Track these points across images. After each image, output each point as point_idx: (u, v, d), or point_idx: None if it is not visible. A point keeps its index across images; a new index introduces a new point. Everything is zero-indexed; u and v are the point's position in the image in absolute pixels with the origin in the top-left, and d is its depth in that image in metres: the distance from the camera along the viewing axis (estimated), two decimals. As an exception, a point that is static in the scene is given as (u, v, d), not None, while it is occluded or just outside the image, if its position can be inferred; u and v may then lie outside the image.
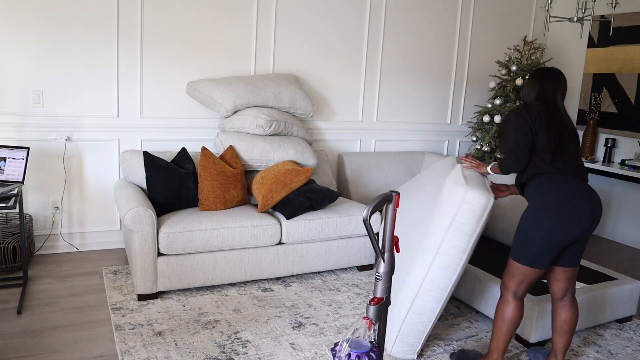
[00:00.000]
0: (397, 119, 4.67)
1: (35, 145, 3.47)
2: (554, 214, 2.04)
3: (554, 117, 2.15)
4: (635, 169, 4.27)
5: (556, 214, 2.04)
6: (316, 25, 4.16)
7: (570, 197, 2.04)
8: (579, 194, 2.05)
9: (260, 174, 3.49)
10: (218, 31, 3.82)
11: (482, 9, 4.85)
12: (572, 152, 2.14)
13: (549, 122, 2.12)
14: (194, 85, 3.67)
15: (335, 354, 1.85)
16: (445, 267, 2.28)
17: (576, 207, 2.03)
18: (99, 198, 3.71)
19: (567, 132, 2.17)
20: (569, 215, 2.03)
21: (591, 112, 4.80)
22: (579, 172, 2.12)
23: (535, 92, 2.26)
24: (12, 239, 3.24)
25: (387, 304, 2.11)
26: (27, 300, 2.90)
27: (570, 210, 2.03)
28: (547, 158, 2.11)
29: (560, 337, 2.29)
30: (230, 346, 2.51)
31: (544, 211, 2.07)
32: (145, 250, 2.90)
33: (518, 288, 2.18)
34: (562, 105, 2.25)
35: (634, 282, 2.98)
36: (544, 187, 2.11)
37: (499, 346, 2.24)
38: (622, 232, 4.74)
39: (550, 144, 2.11)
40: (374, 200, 1.95)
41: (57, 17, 3.37)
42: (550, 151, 2.11)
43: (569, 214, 2.03)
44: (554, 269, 2.22)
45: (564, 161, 2.11)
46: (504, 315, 2.22)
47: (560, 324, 2.29)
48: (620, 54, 4.64)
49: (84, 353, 2.39)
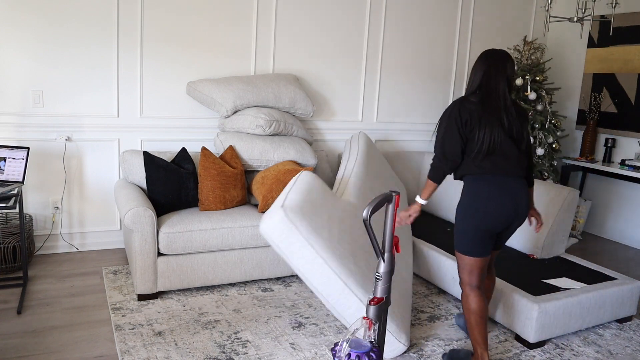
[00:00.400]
0: (397, 119, 4.67)
1: (35, 145, 3.47)
2: (480, 211, 2.20)
3: (490, 116, 2.20)
4: (635, 169, 4.27)
5: (481, 211, 2.20)
6: (316, 25, 4.16)
7: (494, 195, 2.19)
8: (501, 191, 2.19)
9: (260, 174, 3.49)
10: (218, 31, 3.82)
11: (482, 9, 4.85)
12: (506, 150, 2.21)
13: (481, 124, 2.19)
14: (194, 85, 3.67)
15: (335, 354, 1.85)
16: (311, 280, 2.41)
17: (498, 204, 2.18)
18: (99, 198, 3.71)
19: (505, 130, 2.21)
20: (491, 212, 2.19)
21: (591, 112, 4.80)
22: (509, 170, 2.21)
23: (478, 80, 2.28)
24: (12, 239, 3.24)
25: (387, 304, 2.12)
26: (27, 300, 2.90)
27: (493, 207, 2.18)
28: (477, 160, 2.22)
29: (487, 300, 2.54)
30: (230, 346, 2.51)
31: (470, 208, 2.23)
32: (145, 250, 2.90)
33: (471, 279, 2.30)
34: (508, 93, 2.26)
35: (634, 282, 2.98)
36: (471, 186, 2.25)
37: (477, 339, 2.32)
38: (622, 232, 4.74)
39: (481, 148, 2.19)
40: (374, 200, 1.95)
41: (57, 17, 3.37)
42: (482, 154, 2.20)
43: (492, 210, 2.19)
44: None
45: (493, 161, 2.20)
46: (468, 308, 2.32)
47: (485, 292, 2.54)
48: (620, 54, 4.64)
49: (84, 353, 2.39)
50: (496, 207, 2.18)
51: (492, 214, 2.19)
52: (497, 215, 2.19)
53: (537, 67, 4.52)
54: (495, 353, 2.62)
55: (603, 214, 4.90)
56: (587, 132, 4.80)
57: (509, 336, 2.80)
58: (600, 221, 4.93)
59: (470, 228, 2.22)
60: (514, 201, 2.20)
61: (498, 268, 3.05)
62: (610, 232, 4.85)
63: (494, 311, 2.83)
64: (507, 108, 2.23)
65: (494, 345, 2.69)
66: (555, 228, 3.25)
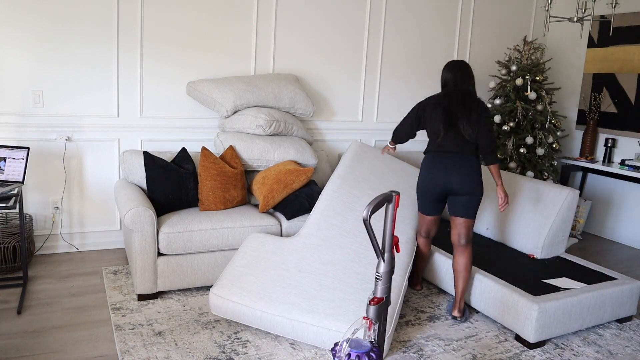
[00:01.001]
0: (398, 119, 4.67)
1: (35, 145, 3.47)
2: (419, 178, 2.98)
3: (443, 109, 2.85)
4: (635, 169, 4.27)
5: (420, 179, 2.97)
6: (316, 25, 4.16)
7: (431, 167, 2.90)
8: (437, 164, 2.87)
9: (261, 174, 3.49)
10: (218, 31, 3.82)
11: (482, 9, 4.85)
12: (452, 134, 2.84)
13: (432, 117, 2.89)
14: (194, 86, 3.67)
15: (335, 354, 1.85)
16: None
17: (433, 173, 2.89)
18: (99, 198, 3.71)
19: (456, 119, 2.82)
20: (425, 179, 2.93)
21: (591, 112, 4.80)
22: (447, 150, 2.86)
23: (442, 82, 2.97)
24: (12, 239, 3.24)
25: (387, 304, 2.12)
26: (27, 300, 2.90)
27: (426, 175, 2.92)
28: (430, 141, 2.96)
29: (458, 278, 2.90)
30: (230, 346, 2.51)
31: (418, 177, 3.05)
32: (145, 250, 2.90)
33: (421, 229, 3.14)
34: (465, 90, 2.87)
35: (634, 282, 2.98)
36: (423, 160, 2.99)
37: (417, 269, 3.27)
38: (622, 232, 4.75)
39: (432, 133, 2.90)
40: (374, 200, 1.95)
41: (57, 17, 3.37)
42: (433, 137, 2.92)
43: (425, 178, 2.93)
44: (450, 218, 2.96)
45: (439, 143, 2.88)
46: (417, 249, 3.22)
47: (456, 266, 2.91)
48: (620, 54, 4.64)
49: (84, 353, 2.39)
50: (428, 176, 2.90)
51: (425, 180, 2.93)
52: (428, 182, 2.91)
53: (537, 67, 4.52)
54: (495, 353, 2.62)
55: (603, 214, 4.90)
56: (587, 132, 4.80)
57: (509, 336, 2.80)
58: (600, 221, 4.93)
59: (416, 191, 3.05)
60: (445, 173, 2.84)
61: (498, 268, 3.05)
62: (610, 232, 4.85)
63: (493, 311, 2.83)
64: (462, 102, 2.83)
65: (494, 345, 2.69)
66: (555, 228, 3.25)
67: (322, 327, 2.44)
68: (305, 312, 2.49)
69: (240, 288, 2.62)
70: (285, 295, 2.59)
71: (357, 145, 3.77)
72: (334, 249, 2.96)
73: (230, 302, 2.58)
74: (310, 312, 2.49)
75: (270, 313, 2.52)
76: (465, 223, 2.90)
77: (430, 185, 2.90)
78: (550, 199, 3.30)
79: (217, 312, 2.64)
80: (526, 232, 3.35)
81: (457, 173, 2.82)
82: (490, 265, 3.09)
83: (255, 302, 2.55)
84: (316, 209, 3.20)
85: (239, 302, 2.57)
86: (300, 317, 2.48)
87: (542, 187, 3.38)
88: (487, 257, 3.23)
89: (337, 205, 3.22)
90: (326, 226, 3.10)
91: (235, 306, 2.57)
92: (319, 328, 2.45)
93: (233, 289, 2.62)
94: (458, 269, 2.90)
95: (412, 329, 2.81)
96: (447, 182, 2.84)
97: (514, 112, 4.47)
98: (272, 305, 2.53)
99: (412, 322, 2.88)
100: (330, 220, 3.13)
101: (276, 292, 2.61)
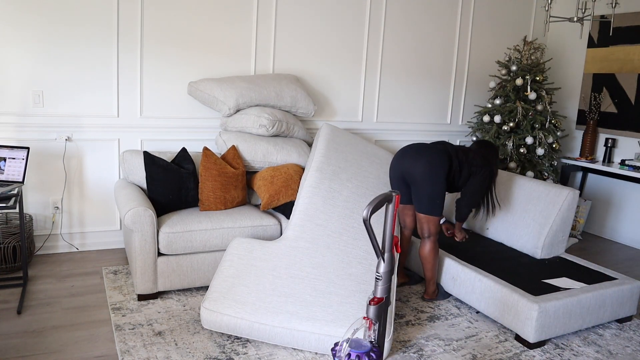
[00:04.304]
0: (397, 119, 4.67)
1: (35, 145, 3.47)
2: (391, 165, 3.17)
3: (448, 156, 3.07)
4: (635, 169, 4.27)
5: (390, 165, 3.17)
6: (316, 25, 4.16)
7: (395, 157, 3.12)
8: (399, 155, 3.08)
9: (269, 172, 3.45)
10: (218, 31, 3.82)
11: (482, 9, 4.85)
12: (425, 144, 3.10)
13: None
14: (195, 85, 3.67)
15: (335, 354, 1.85)
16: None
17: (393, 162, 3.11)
18: (99, 198, 3.71)
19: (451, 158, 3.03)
20: (392, 164, 3.12)
21: (591, 112, 4.80)
22: (416, 146, 3.08)
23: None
24: (12, 239, 3.24)
25: (387, 304, 2.12)
26: (27, 300, 2.90)
27: (393, 161, 3.11)
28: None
29: (423, 266, 3.11)
30: (230, 346, 2.51)
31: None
32: (145, 250, 2.90)
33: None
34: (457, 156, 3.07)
35: (634, 282, 2.98)
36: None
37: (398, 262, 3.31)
38: (622, 232, 4.75)
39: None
40: (374, 200, 1.95)
41: (57, 17, 3.37)
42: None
43: (392, 163, 3.12)
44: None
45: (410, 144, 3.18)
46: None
47: (420, 255, 3.10)
48: (620, 54, 4.64)
49: (84, 353, 2.39)
50: (393, 164, 3.11)
51: (390, 166, 3.14)
52: (392, 168, 3.12)
53: (537, 67, 4.52)
54: (495, 353, 2.62)
55: (603, 214, 4.90)
56: (587, 132, 4.80)
57: (509, 336, 2.80)
58: (600, 221, 4.93)
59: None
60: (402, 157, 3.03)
61: (498, 268, 3.05)
62: (610, 232, 4.85)
63: (493, 311, 2.83)
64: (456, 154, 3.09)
65: (494, 345, 2.69)
66: (555, 228, 3.25)
67: (323, 334, 2.41)
68: (305, 320, 2.44)
69: (234, 300, 2.52)
70: (282, 305, 2.51)
71: (329, 129, 3.64)
72: (322, 250, 2.89)
73: (225, 315, 2.48)
74: (309, 319, 2.45)
75: (268, 325, 2.44)
76: (420, 218, 3.00)
77: (392, 170, 3.11)
78: (550, 199, 3.30)
79: (210, 326, 2.52)
80: (526, 232, 3.35)
81: (411, 157, 2.98)
82: (490, 265, 3.09)
83: (251, 315, 2.46)
84: (297, 208, 3.09)
85: (234, 315, 2.47)
86: (300, 326, 2.43)
87: (542, 187, 3.38)
88: (487, 257, 3.23)
89: (319, 202, 3.11)
90: (311, 227, 3.00)
91: (230, 320, 2.48)
92: (321, 335, 2.41)
93: (226, 301, 2.52)
94: (421, 258, 3.10)
95: (412, 329, 2.81)
96: (401, 164, 3.02)
97: (514, 112, 4.47)
98: (270, 316, 2.45)
99: (412, 322, 2.89)
100: (314, 220, 3.03)
101: (272, 302, 2.52)
